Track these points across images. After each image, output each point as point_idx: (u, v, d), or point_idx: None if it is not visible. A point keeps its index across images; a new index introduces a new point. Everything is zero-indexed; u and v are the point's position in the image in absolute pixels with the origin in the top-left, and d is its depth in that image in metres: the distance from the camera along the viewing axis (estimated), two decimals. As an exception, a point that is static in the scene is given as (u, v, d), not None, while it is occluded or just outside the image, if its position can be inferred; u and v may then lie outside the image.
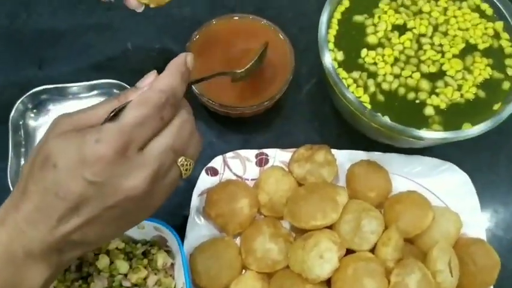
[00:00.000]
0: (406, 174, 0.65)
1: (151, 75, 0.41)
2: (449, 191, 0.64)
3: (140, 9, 0.58)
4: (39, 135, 0.67)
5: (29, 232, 0.36)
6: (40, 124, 0.67)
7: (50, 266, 0.38)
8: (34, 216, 0.36)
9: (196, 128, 0.42)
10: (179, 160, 0.40)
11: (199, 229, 0.62)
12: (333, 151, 0.65)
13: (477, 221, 0.63)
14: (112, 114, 0.38)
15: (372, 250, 0.58)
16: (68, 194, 0.35)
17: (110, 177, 0.36)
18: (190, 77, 0.42)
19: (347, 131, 0.68)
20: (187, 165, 0.41)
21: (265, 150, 0.66)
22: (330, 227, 0.59)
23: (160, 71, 0.41)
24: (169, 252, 0.58)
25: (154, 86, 0.39)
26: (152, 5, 0.57)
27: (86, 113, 0.39)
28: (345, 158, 0.66)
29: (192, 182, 0.64)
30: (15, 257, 0.36)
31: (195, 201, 0.63)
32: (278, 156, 0.66)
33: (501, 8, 0.63)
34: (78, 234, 0.37)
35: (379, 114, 0.56)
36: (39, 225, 0.36)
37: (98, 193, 0.36)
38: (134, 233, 0.58)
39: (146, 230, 0.57)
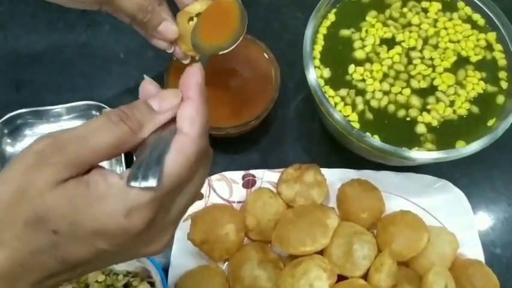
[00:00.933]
0: (399, 193, 0.63)
1: (175, 97, 0.32)
2: (444, 210, 0.62)
3: (186, 61, 0.56)
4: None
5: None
6: (17, 151, 0.65)
7: None
8: (14, 272, 0.28)
9: None
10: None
11: (184, 256, 0.59)
12: (323, 170, 0.63)
13: (474, 240, 0.61)
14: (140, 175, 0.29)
15: (365, 276, 0.55)
16: (71, 259, 0.29)
17: (130, 247, 0.30)
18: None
19: (337, 149, 0.66)
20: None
21: (252, 171, 0.64)
22: (321, 252, 0.56)
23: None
24: (152, 284, 0.55)
25: (191, 132, 0.30)
26: (198, 57, 0.54)
27: (84, 146, 0.29)
28: (336, 177, 0.63)
29: (175, 207, 0.61)
30: None
31: (179, 227, 0.60)
32: (266, 176, 0.64)
33: (493, 18, 0.61)
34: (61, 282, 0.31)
35: (368, 134, 0.54)
36: (19, 281, 0.29)
37: (109, 257, 0.31)
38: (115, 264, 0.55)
39: (128, 261, 0.54)
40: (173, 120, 0.31)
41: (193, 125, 0.30)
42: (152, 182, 0.28)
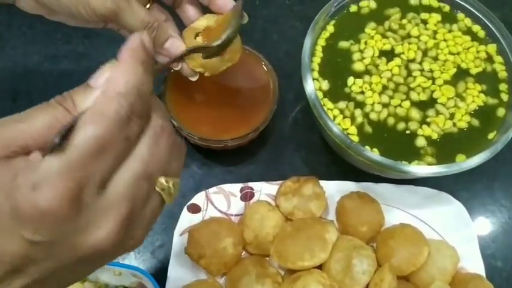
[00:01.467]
0: (399, 205, 0.62)
1: (108, 69, 0.30)
2: (444, 222, 0.61)
3: (195, 78, 0.54)
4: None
5: None
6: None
7: None
8: None
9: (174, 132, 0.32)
10: (158, 184, 0.30)
11: (181, 271, 0.59)
12: (322, 182, 0.62)
13: (474, 253, 0.60)
14: (57, 139, 0.26)
15: (365, 291, 0.55)
16: (5, 257, 0.25)
17: (62, 235, 0.26)
18: (153, 64, 0.31)
19: (336, 160, 0.65)
20: (169, 187, 0.30)
21: (250, 184, 0.63)
22: (320, 267, 0.56)
23: None
24: (148, 298, 0.55)
25: (110, 88, 0.27)
26: (207, 74, 0.53)
27: (16, 128, 0.27)
28: (335, 189, 0.63)
29: (173, 221, 0.60)
30: None
31: (177, 241, 0.60)
32: (264, 189, 0.63)
33: (493, 30, 0.60)
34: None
35: (367, 148, 0.53)
36: None
37: (47, 253, 0.26)
38: (110, 279, 0.54)
39: (123, 276, 0.53)
40: None
41: (114, 83, 0.28)
42: (65, 146, 0.25)
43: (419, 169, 0.52)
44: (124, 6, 0.46)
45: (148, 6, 0.52)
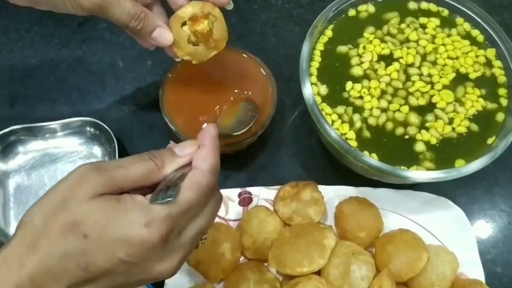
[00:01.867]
0: (398, 211, 0.62)
1: (193, 146, 0.39)
2: (443, 228, 0.61)
3: (178, 59, 0.55)
4: (10, 180, 0.64)
5: None
6: (10, 168, 0.64)
7: None
8: (41, 277, 0.33)
9: None
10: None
11: (179, 277, 0.58)
12: (320, 187, 0.62)
13: (474, 259, 0.60)
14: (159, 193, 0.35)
15: (363, 297, 0.54)
16: (93, 267, 0.33)
17: (145, 261, 0.34)
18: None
19: (334, 165, 0.65)
20: (204, 238, 0.41)
21: (248, 189, 0.63)
22: (318, 272, 0.55)
23: (137, 105, 0.38)
24: (145, 305, 0.54)
25: (202, 167, 0.37)
26: (194, 61, 0.54)
27: (120, 173, 0.36)
28: (333, 194, 0.62)
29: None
30: None
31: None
32: (262, 194, 0.63)
33: (492, 34, 0.60)
34: None
35: (365, 153, 0.53)
36: (44, 286, 0.33)
37: (125, 271, 0.34)
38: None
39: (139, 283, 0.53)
40: (190, 165, 0.38)
41: (205, 163, 0.37)
42: (169, 199, 0.34)
43: (417, 174, 0.52)
44: (111, 0, 0.47)
45: None
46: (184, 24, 0.52)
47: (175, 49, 0.53)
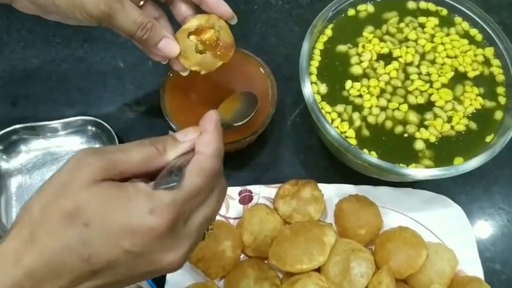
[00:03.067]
0: (397, 208, 0.62)
1: (195, 132, 0.38)
2: (442, 225, 0.61)
3: (185, 73, 0.56)
4: (12, 179, 0.64)
5: None
6: (12, 167, 0.64)
7: None
8: (41, 273, 0.31)
9: None
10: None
11: (180, 274, 0.59)
12: (320, 185, 0.62)
13: (473, 256, 0.60)
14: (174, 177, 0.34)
15: (363, 294, 0.55)
16: (95, 258, 0.31)
17: (151, 251, 0.33)
18: None
19: (335, 163, 0.65)
20: (210, 229, 0.39)
21: (249, 187, 0.63)
22: (318, 269, 0.56)
23: (138, 105, 0.37)
24: (147, 302, 0.55)
25: (206, 152, 0.36)
26: (203, 72, 0.54)
27: (120, 157, 0.34)
28: (333, 192, 0.63)
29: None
30: None
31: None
32: (263, 192, 0.63)
33: (491, 33, 0.61)
34: None
35: (365, 151, 0.54)
36: (44, 284, 0.31)
37: (130, 262, 0.33)
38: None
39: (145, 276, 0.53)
40: (192, 152, 0.37)
41: (208, 147, 0.36)
42: (173, 184, 0.33)
43: (417, 172, 0.52)
44: (117, 8, 0.47)
45: (141, 3, 0.52)
46: (190, 35, 0.52)
47: (183, 60, 0.53)
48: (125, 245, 0.32)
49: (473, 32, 0.62)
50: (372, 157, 0.53)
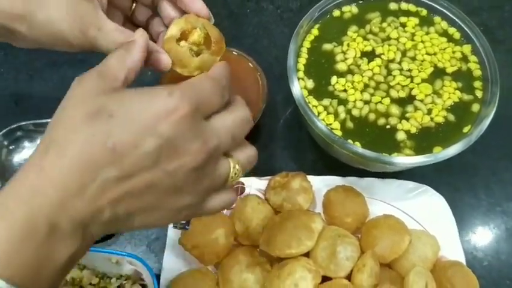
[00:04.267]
0: (383, 198, 0.65)
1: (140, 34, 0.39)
2: (425, 214, 0.64)
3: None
4: (15, 173, 0.67)
5: (56, 198, 0.30)
6: (17, 163, 0.68)
7: (80, 239, 0.32)
8: (66, 179, 0.30)
9: None
10: (231, 160, 0.37)
11: (176, 261, 0.62)
12: (309, 177, 0.65)
13: (455, 243, 0.63)
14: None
15: (349, 276, 0.57)
16: (120, 145, 0.31)
17: (177, 136, 0.32)
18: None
19: (323, 157, 0.69)
20: (236, 170, 0.37)
21: (241, 179, 0.66)
22: (307, 255, 0.59)
23: None
24: (144, 286, 0.58)
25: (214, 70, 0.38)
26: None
27: (110, 66, 0.35)
28: (322, 183, 0.66)
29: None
30: (36, 232, 0.30)
31: (171, 232, 0.63)
32: (254, 184, 0.66)
33: (468, 31, 0.64)
34: (123, 205, 0.32)
35: (349, 141, 0.57)
36: (72, 194, 0.30)
37: (159, 151, 0.32)
38: (108, 267, 0.57)
39: (120, 264, 0.56)
40: None
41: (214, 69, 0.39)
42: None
43: (398, 159, 0.55)
44: (95, 34, 0.43)
45: (133, 6, 0.51)
46: (178, 41, 0.47)
47: (180, 69, 0.47)
48: (149, 130, 0.31)
49: (452, 30, 0.65)
50: (356, 147, 0.56)
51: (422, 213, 0.64)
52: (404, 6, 0.67)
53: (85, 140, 0.31)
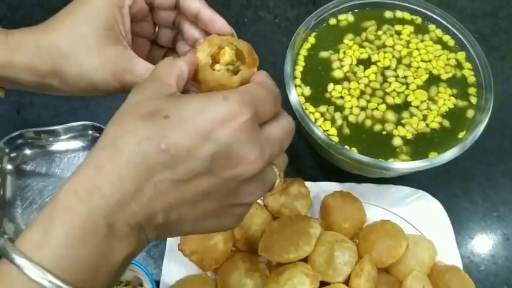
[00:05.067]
0: (380, 204, 0.66)
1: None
2: (422, 219, 0.65)
3: None
4: (17, 180, 0.68)
5: (114, 199, 0.30)
6: (17, 169, 0.68)
7: (135, 241, 0.32)
8: (123, 180, 0.30)
9: None
10: (277, 168, 0.37)
11: (175, 266, 0.62)
12: (307, 183, 0.66)
13: (452, 248, 0.64)
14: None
15: (347, 281, 0.58)
16: (174, 148, 0.31)
17: (235, 143, 0.32)
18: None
19: (320, 163, 0.69)
20: (280, 178, 0.38)
21: (240, 186, 0.67)
22: (305, 260, 0.59)
23: None
24: (144, 291, 0.58)
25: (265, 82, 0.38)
26: None
27: (171, 68, 0.37)
28: (319, 189, 0.67)
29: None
30: (95, 232, 0.30)
31: (170, 239, 0.63)
32: (253, 190, 0.67)
33: (462, 39, 0.65)
34: (176, 211, 0.32)
35: (346, 147, 0.58)
36: (128, 191, 0.31)
37: (215, 158, 0.31)
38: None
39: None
40: None
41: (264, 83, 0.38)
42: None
43: (395, 165, 0.56)
44: (130, 79, 0.44)
45: (156, 29, 0.50)
46: (212, 66, 0.43)
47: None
48: (205, 135, 0.31)
49: (446, 38, 0.66)
50: (353, 152, 0.57)
51: (419, 218, 0.65)
52: (399, 14, 0.68)
53: (140, 140, 0.31)
